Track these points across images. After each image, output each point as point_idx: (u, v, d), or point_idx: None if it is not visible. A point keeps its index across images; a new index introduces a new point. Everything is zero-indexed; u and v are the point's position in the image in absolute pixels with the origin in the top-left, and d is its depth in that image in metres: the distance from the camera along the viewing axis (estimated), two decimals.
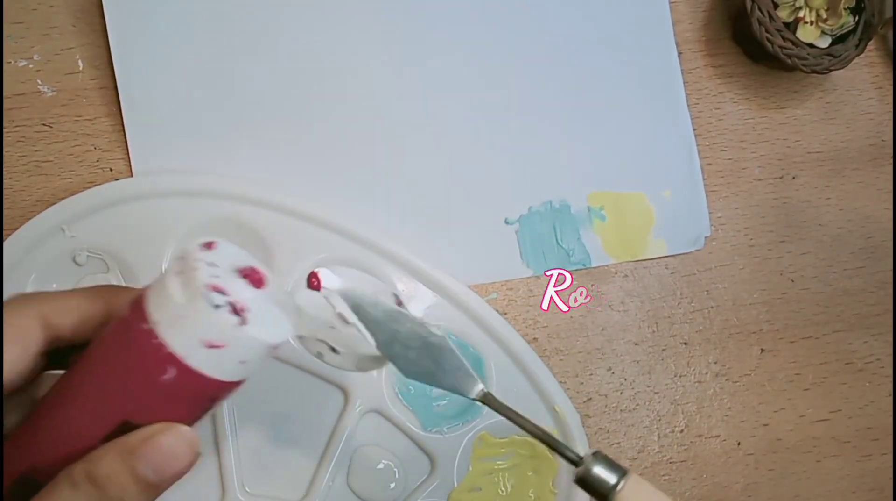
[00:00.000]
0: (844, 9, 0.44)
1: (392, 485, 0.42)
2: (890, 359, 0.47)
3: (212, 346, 0.24)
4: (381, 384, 0.42)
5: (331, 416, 0.41)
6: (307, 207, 0.42)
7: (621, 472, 0.26)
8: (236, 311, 0.25)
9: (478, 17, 0.45)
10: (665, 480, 0.45)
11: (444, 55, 0.45)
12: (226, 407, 0.41)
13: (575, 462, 0.27)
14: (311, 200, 0.42)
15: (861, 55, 0.45)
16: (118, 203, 0.41)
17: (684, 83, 0.47)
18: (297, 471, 0.41)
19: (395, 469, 0.42)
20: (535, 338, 0.44)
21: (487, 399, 0.30)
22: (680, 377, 0.45)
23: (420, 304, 0.42)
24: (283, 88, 0.44)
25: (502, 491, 0.42)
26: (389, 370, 0.42)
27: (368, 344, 0.29)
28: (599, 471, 0.26)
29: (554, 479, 0.42)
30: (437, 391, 0.42)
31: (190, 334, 0.24)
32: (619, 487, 0.25)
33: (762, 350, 0.46)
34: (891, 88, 0.48)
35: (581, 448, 0.41)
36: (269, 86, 0.43)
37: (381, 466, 0.42)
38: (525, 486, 0.42)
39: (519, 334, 0.43)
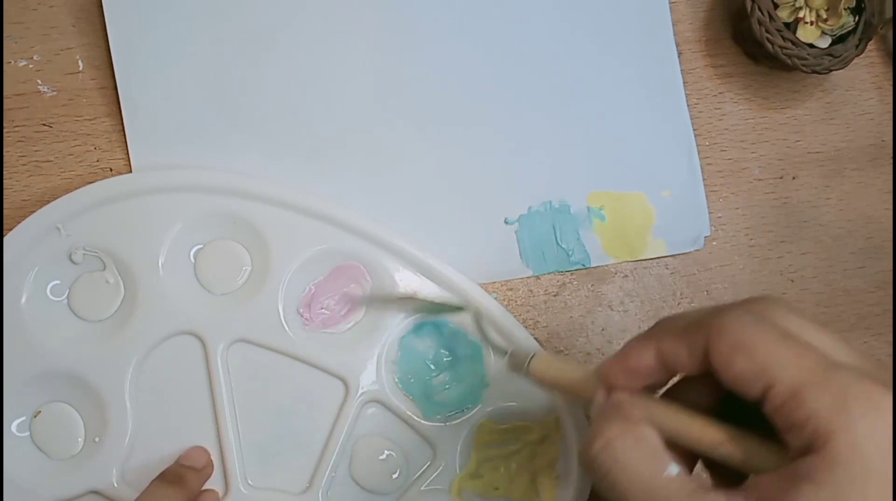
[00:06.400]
0: (844, 9, 0.44)
1: (394, 475, 0.42)
2: (890, 359, 0.47)
3: None
4: (382, 375, 0.42)
5: (332, 407, 0.42)
6: (302, 198, 0.42)
7: (533, 352, 0.34)
8: None
9: (478, 17, 0.45)
10: None
11: (444, 54, 0.45)
12: (226, 401, 0.41)
13: (504, 351, 0.35)
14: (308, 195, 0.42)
15: (861, 55, 0.45)
16: (113, 200, 0.41)
17: (684, 83, 0.47)
18: (300, 463, 0.41)
19: (398, 459, 0.42)
20: (535, 339, 0.44)
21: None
22: None
23: (416, 292, 0.42)
24: (285, 88, 0.44)
25: (504, 477, 0.42)
26: (389, 360, 0.42)
27: None
28: (519, 351, 0.35)
29: (555, 464, 0.42)
30: (437, 380, 0.42)
31: None
32: (532, 358, 0.34)
33: None
34: (891, 88, 0.48)
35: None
36: (270, 85, 0.44)
37: (383, 456, 0.42)
38: (527, 471, 0.42)
39: (521, 323, 0.43)
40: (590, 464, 0.27)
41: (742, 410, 0.27)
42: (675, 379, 0.30)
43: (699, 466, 0.29)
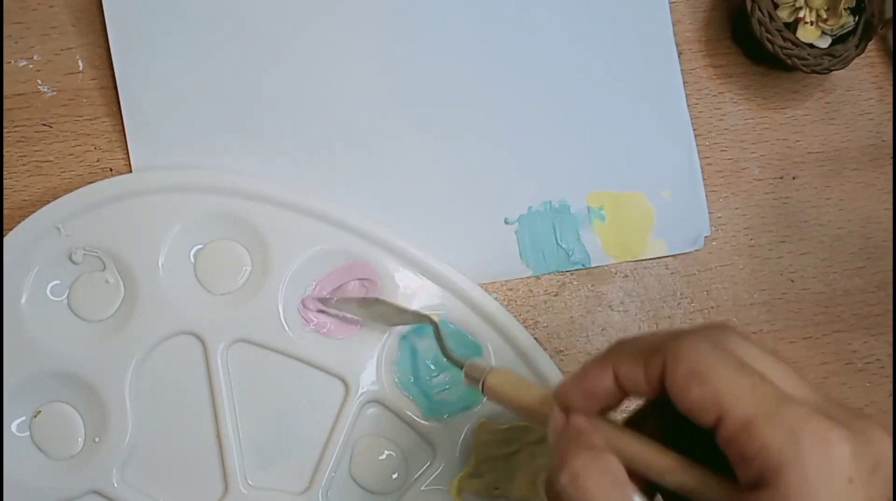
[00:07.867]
0: (844, 9, 0.44)
1: (394, 475, 0.42)
2: (890, 359, 0.47)
3: None
4: (382, 375, 0.42)
5: (332, 407, 0.42)
6: (302, 198, 0.42)
7: (490, 367, 0.33)
8: None
9: (477, 17, 0.45)
10: None
11: (444, 54, 0.45)
12: (226, 401, 0.41)
13: (461, 364, 0.35)
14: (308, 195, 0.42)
15: (861, 55, 0.45)
16: (113, 200, 0.41)
17: (684, 83, 0.47)
18: (300, 463, 0.41)
19: (397, 459, 0.42)
20: (534, 339, 0.44)
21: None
22: None
23: (416, 292, 0.42)
24: (286, 88, 0.44)
25: (504, 477, 0.42)
26: (389, 360, 0.42)
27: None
28: (475, 365, 0.34)
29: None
30: (437, 380, 0.42)
31: None
32: (488, 374, 0.33)
33: None
34: (891, 88, 0.48)
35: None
36: (271, 85, 0.44)
37: (383, 456, 0.42)
38: (527, 471, 0.42)
39: (521, 323, 0.43)
40: (556, 498, 0.27)
41: (700, 437, 0.27)
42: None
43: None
